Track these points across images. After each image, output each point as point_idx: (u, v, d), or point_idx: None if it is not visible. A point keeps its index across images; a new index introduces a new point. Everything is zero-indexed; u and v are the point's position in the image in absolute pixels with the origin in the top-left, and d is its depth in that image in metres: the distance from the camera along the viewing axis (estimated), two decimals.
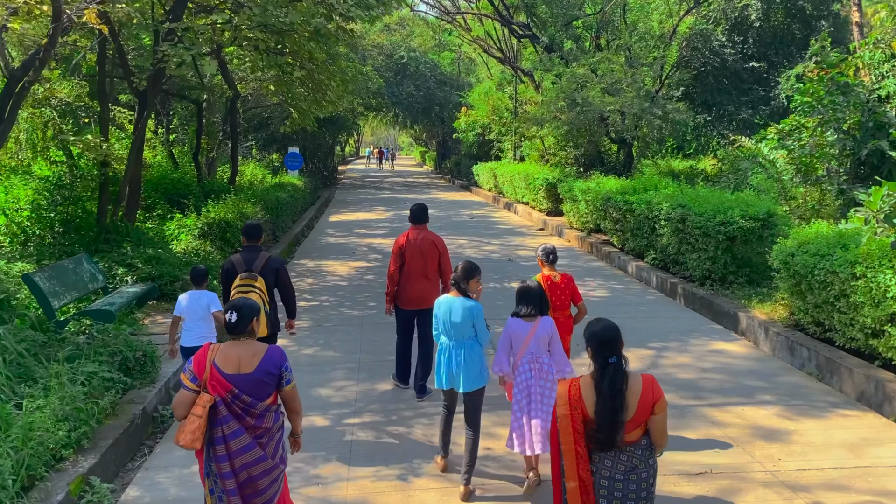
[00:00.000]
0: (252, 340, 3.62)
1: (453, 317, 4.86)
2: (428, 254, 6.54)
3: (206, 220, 11.90)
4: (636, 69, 18.14)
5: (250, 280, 5.64)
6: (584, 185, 15.34)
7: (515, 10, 21.70)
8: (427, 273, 6.55)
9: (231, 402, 3.46)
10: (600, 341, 3.22)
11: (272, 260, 5.94)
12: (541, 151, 22.02)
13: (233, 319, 3.53)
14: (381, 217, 21.41)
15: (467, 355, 4.84)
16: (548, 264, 5.91)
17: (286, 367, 3.61)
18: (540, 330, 4.76)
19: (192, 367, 3.54)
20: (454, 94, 36.40)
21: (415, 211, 6.73)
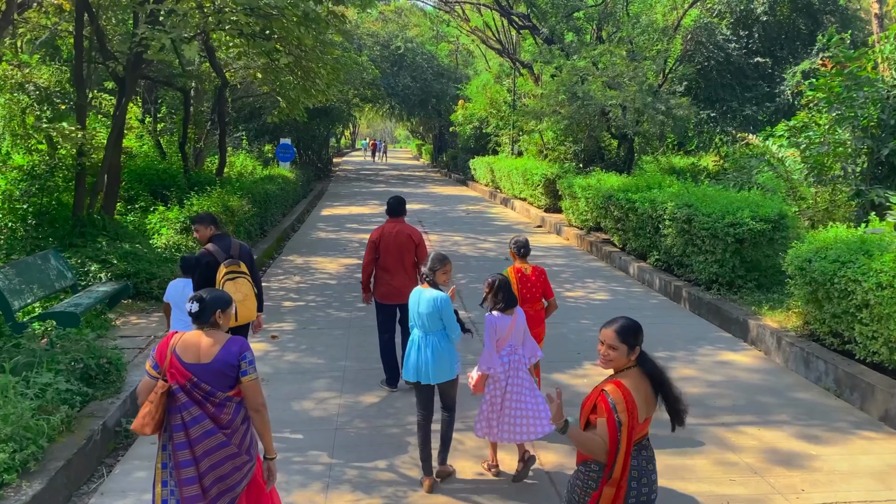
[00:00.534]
0: (215, 331, 3.57)
1: (421, 308, 4.80)
2: (404, 247, 6.49)
3: (188, 214, 11.34)
4: (638, 63, 17.61)
5: (235, 266, 5.50)
6: (585, 181, 14.83)
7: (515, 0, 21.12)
8: (404, 267, 6.50)
9: (191, 390, 3.46)
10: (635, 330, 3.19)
11: (243, 245, 5.88)
12: (539, 146, 21.49)
13: (193, 310, 3.51)
14: (375, 212, 20.84)
15: (435, 347, 4.76)
16: (519, 257, 5.89)
17: (245, 358, 3.52)
18: (520, 320, 4.88)
19: (155, 354, 3.55)
20: (451, 86, 35.80)
21: (392, 204, 6.70)
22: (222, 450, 3.47)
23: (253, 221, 13.81)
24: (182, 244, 11.02)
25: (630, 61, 17.60)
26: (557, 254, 13.84)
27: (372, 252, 6.56)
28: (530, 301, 5.75)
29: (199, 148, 16.35)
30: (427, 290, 4.82)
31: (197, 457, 3.45)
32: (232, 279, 5.41)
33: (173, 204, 12.28)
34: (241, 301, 5.33)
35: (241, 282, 5.43)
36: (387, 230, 6.55)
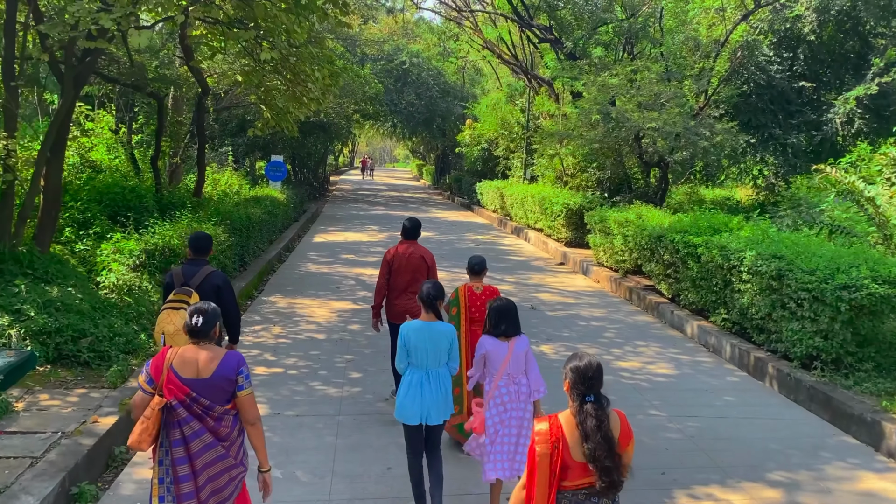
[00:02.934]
0: (211, 345, 3.60)
1: (432, 344, 4.54)
2: (417, 268, 6.46)
3: (145, 246, 9.13)
4: (678, 82, 15.58)
5: (183, 296, 5.00)
6: (621, 215, 12.69)
7: (536, 10, 19.14)
8: (415, 288, 6.23)
9: (191, 404, 3.47)
10: (582, 377, 3.03)
11: (214, 275, 5.35)
12: (558, 172, 19.39)
13: (198, 324, 3.53)
14: (373, 239, 18.67)
15: (443, 385, 4.59)
16: (472, 274, 5.74)
17: (242, 373, 3.56)
18: (517, 348, 4.56)
19: (150, 369, 3.57)
20: (458, 105, 33.81)
21: (409, 227, 6.68)
22: (220, 462, 3.53)
23: (230, 253, 11.61)
24: (135, 284, 8.82)
25: (666, 80, 15.58)
26: (591, 301, 11.65)
27: (386, 272, 6.55)
28: (478, 321, 5.45)
29: (175, 164, 14.20)
30: (436, 323, 4.61)
31: (196, 471, 3.48)
32: (175, 308, 4.96)
33: (131, 231, 10.08)
34: (171, 334, 4.80)
35: (181, 314, 4.83)
36: (400, 251, 6.54)
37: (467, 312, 5.58)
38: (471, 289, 5.70)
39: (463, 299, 5.66)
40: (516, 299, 11.60)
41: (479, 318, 5.50)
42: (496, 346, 4.50)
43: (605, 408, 3.02)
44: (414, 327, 4.58)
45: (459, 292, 5.72)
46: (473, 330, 5.43)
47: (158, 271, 9.09)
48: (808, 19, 18.08)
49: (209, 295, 5.06)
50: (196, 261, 5.47)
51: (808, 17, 18.02)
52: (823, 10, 17.81)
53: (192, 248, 5.56)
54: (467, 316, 5.58)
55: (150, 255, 9.09)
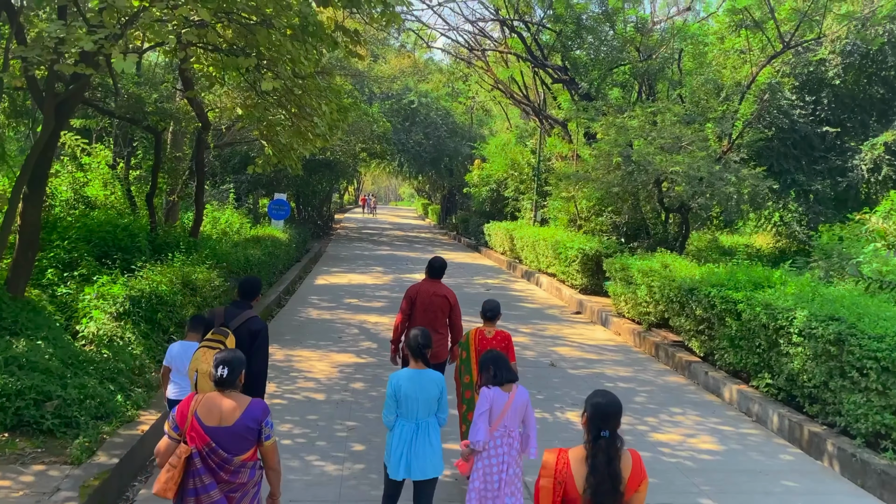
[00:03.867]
0: (236, 392, 3.64)
1: (424, 393, 4.47)
2: (438, 307, 6.46)
3: (129, 292, 8.30)
4: (699, 124, 14.92)
5: (220, 337, 4.95)
6: (645, 264, 11.86)
7: (550, 51, 18.63)
8: (436, 327, 6.41)
9: (207, 456, 3.49)
10: (602, 413, 3.11)
11: (253, 321, 5.32)
12: (572, 215, 18.63)
13: (224, 375, 3.56)
14: (379, 282, 17.84)
15: (432, 437, 4.48)
16: (485, 320, 5.78)
17: (267, 423, 3.59)
18: (518, 399, 4.56)
19: (176, 415, 3.59)
20: (465, 144, 33.31)
21: (435, 266, 6.66)
22: None
23: (226, 298, 10.77)
24: (117, 335, 7.97)
25: (687, 123, 14.93)
26: (614, 357, 10.74)
27: (408, 308, 6.50)
28: None
29: (172, 201, 13.47)
30: (425, 371, 4.58)
31: None
32: (211, 347, 4.85)
33: (117, 275, 9.26)
34: (204, 373, 4.56)
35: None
36: (424, 288, 6.54)
37: (477, 357, 5.52)
38: (482, 332, 5.72)
39: (473, 343, 5.67)
40: (533, 354, 10.76)
41: None
42: (497, 395, 4.53)
43: (619, 447, 3.08)
44: (405, 376, 4.55)
45: (470, 336, 5.73)
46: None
47: (144, 321, 8.25)
48: (832, 63, 17.50)
49: (244, 339, 5.12)
50: (240, 303, 5.47)
51: (832, 60, 17.44)
52: (848, 54, 17.25)
53: (239, 292, 5.62)
54: (477, 360, 5.48)
55: (134, 303, 8.25)
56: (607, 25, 17.23)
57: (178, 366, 5.54)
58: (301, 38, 6.28)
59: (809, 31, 17.14)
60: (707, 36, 18.95)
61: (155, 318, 8.32)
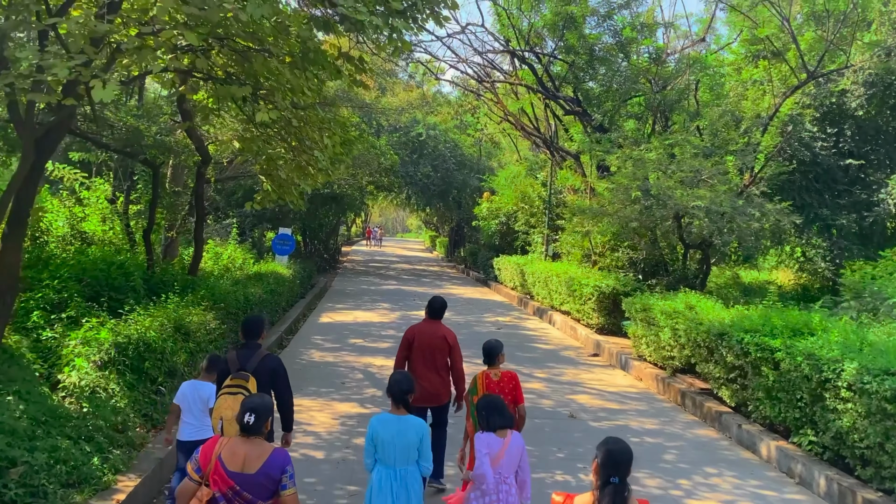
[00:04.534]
0: (261, 440, 3.65)
1: (402, 439, 4.40)
2: (437, 348, 6.35)
3: (115, 339, 7.68)
4: (719, 157, 14.35)
5: (241, 381, 5.03)
6: (668, 305, 11.17)
7: (562, 82, 18.19)
8: (436, 368, 6.35)
9: (232, 498, 3.51)
10: (613, 460, 3.20)
11: (269, 359, 5.36)
12: (586, 250, 17.99)
13: (251, 422, 3.57)
14: (385, 320, 17.17)
15: (410, 486, 4.38)
16: (486, 362, 5.73)
17: (287, 473, 3.61)
18: (513, 445, 4.49)
19: (199, 457, 3.63)
20: (474, 177, 32.85)
21: (435, 307, 6.57)
22: None
23: (222, 342, 10.15)
24: (101, 386, 7.33)
25: (706, 156, 14.35)
26: (638, 406, 10.00)
27: (405, 350, 6.43)
28: None
29: (171, 238, 12.93)
30: (406, 417, 4.52)
31: None
32: (232, 393, 4.97)
33: (105, 319, 8.64)
34: (230, 420, 4.63)
35: (239, 399, 4.74)
36: (422, 329, 6.47)
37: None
38: (488, 376, 5.61)
39: (481, 388, 5.56)
40: (551, 403, 10.02)
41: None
42: (491, 441, 4.47)
43: (627, 495, 3.14)
44: (382, 420, 4.51)
45: (478, 381, 5.64)
46: None
47: (130, 370, 7.60)
48: (854, 93, 16.95)
49: (264, 378, 5.16)
50: (249, 345, 5.46)
51: (854, 91, 16.90)
52: (871, 85, 16.70)
53: (243, 333, 5.57)
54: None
55: (121, 351, 7.61)
56: (621, 56, 16.78)
57: (189, 406, 5.54)
58: (301, 66, 5.76)
59: (831, 62, 16.66)
60: (723, 67, 18.51)
61: (142, 368, 7.68)
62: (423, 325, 6.50)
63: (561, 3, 16.67)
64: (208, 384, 5.67)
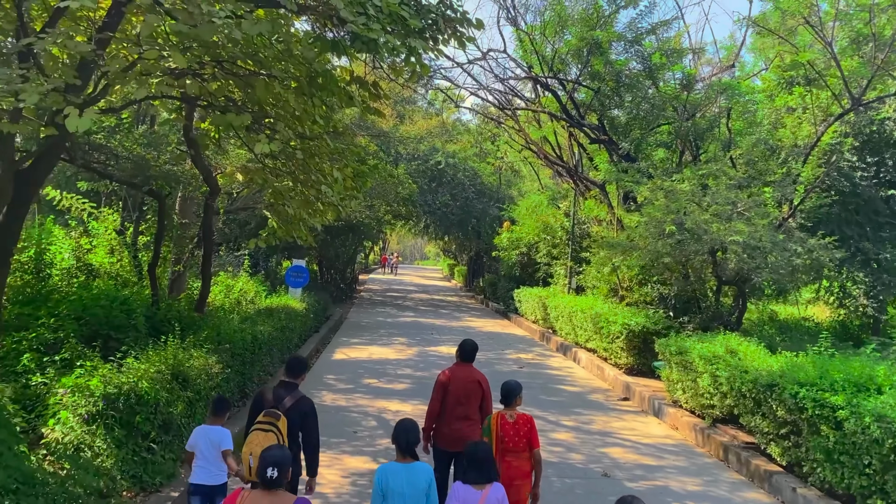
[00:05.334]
0: (283, 492, 3.64)
1: (412, 488, 4.34)
2: (471, 393, 6.28)
3: (105, 389, 6.99)
4: (756, 188, 13.54)
5: (272, 419, 5.13)
6: (707, 348, 10.31)
7: (587, 109, 17.54)
8: (468, 413, 6.26)
9: None
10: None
11: (303, 402, 5.46)
12: (612, 285, 17.16)
13: (273, 476, 3.57)
14: (402, 356, 16.40)
15: None
16: (505, 407, 5.57)
17: None
18: (491, 498, 4.40)
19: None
20: (493, 206, 32.15)
21: (467, 350, 6.48)
22: None
23: (226, 387, 9.44)
24: (86, 443, 6.65)
25: (740, 188, 13.55)
26: (676, 462, 9.11)
27: (440, 395, 6.32)
28: (514, 451, 5.37)
29: (177, 272, 12.34)
30: (413, 465, 4.48)
31: None
32: (263, 430, 5.08)
33: (98, 363, 7.97)
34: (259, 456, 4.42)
35: (270, 437, 5.02)
36: (456, 373, 6.38)
37: (499, 443, 5.39)
38: (503, 417, 5.51)
39: (495, 429, 5.47)
40: (581, 458, 9.14)
41: (513, 448, 5.39)
42: (468, 494, 4.38)
43: None
44: (390, 470, 4.46)
45: (492, 421, 5.54)
46: (507, 461, 5.34)
47: (119, 425, 6.90)
48: None
49: (295, 420, 5.29)
50: (288, 384, 5.53)
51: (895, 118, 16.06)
52: None
53: (286, 371, 5.64)
54: (499, 447, 5.38)
55: (110, 402, 6.93)
56: (648, 83, 16.11)
57: (201, 451, 5.48)
58: (308, 91, 5.14)
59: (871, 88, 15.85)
60: (754, 94, 17.76)
61: (133, 422, 6.98)
62: (456, 370, 6.42)
63: (586, 29, 16.09)
64: (220, 429, 5.60)
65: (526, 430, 5.46)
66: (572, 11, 16.64)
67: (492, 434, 5.46)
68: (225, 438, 5.53)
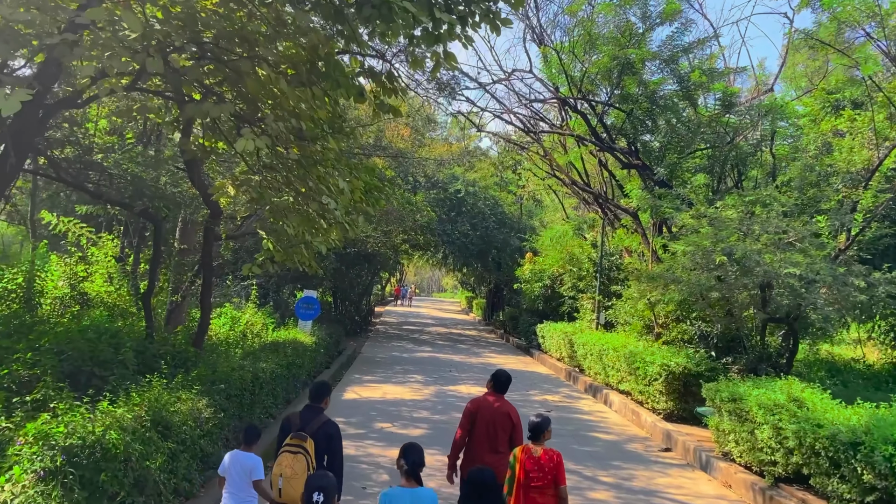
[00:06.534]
0: None
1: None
2: (500, 425, 6.11)
3: (65, 442, 5.88)
4: (809, 216, 12.33)
5: (300, 441, 5.30)
6: (767, 396, 9.03)
7: (618, 133, 16.48)
8: (497, 446, 6.10)
9: None
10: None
11: (328, 424, 5.58)
12: (647, 321, 15.89)
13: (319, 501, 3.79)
14: (418, 397, 15.18)
15: None
16: (532, 441, 5.43)
17: None
18: None
19: None
20: (514, 236, 31.02)
21: (502, 381, 6.36)
22: None
23: (218, 434, 8.31)
24: None
25: (790, 216, 12.36)
26: None
27: (468, 424, 6.19)
28: (538, 488, 5.23)
29: (176, 302, 11.32)
30: (418, 490, 4.43)
31: None
32: (292, 452, 5.24)
33: (67, 405, 6.88)
34: (289, 477, 5.10)
35: (299, 458, 5.22)
36: (486, 403, 6.20)
37: (524, 478, 5.27)
38: (528, 451, 5.40)
39: (519, 463, 5.35)
40: None
41: (538, 485, 5.26)
42: None
43: None
44: (392, 494, 4.39)
45: (516, 455, 5.43)
46: (531, 497, 5.23)
47: (80, 485, 5.77)
48: None
49: (321, 442, 5.42)
50: (313, 408, 5.64)
51: None
52: None
53: (310, 396, 5.74)
54: (524, 482, 5.26)
55: (71, 456, 5.82)
56: (685, 104, 15.04)
57: (231, 477, 5.53)
58: (307, 80, 4.14)
59: None
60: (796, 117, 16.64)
61: (97, 481, 5.85)
62: (485, 400, 6.22)
63: (618, 48, 15.12)
64: (251, 455, 5.63)
65: (552, 465, 5.31)
66: (603, 30, 15.71)
67: (515, 468, 5.34)
68: (257, 468, 5.58)
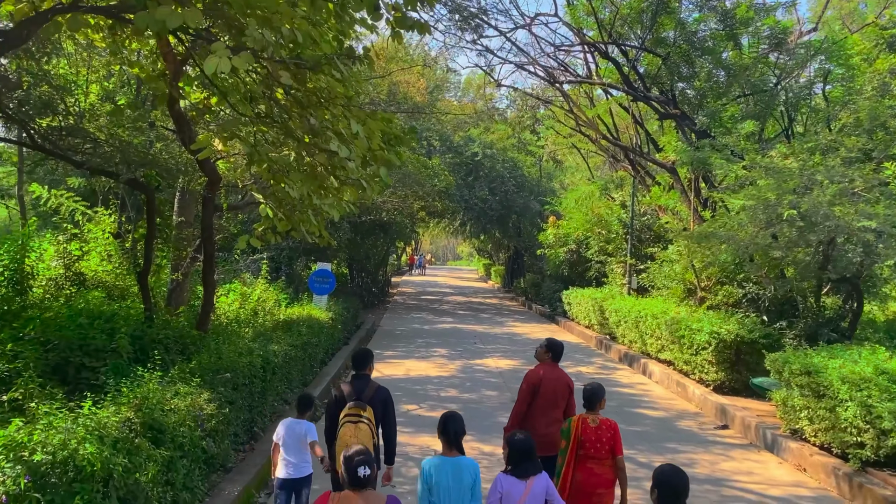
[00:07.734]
0: (372, 491, 3.59)
1: (456, 481, 4.29)
2: (560, 394, 6.11)
3: (29, 460, 4.83)
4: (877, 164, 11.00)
5: (359, 409, 5.24)
6: (851, 369, 7.85)
7: (652, 81, 15.07)
8: (556, 415, 6.07)
9: None
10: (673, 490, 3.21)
11: (381, 390, 5.54)
12: (688, 284, 14.68)
13: (366, 475, 3.54)
14: (444, 373, 14.17)
15: None
16: (587, 410, 5.36)
17: None
18: (536, 487, 4.30)
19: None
20: (534, 200, 29.66)
21: (558, 350, 6.36)
22: None
23: (224, 432, 7.28)
24: None
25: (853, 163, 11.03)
26: None
27: (530, 396, 6.10)
28: (595, 458, 5.19)
29: (177, 280, 10.27)
30: (459, 459, 4.44)
31: None
32: (353, 422, 5.17)
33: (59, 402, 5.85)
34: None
35: (362, 427, 5.16)
36: (548, 374, 6.16)
37: (578, 447, 5.22)
38: (585, 421, 5.29)
39: (575, 432, 5.27)
40: None
41: (595, 454, 5.18)
42: (512, 486, 4.30)
43: None
44: (435, 463, 4.40)
45: (572, 423, 5.33)
46: (588, 468, 5.17)
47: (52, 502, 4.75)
48: None
49: (378, 408, 5.36)
50: (360, 376, 5.62)
51: None
52: None
53: (353, 365, 5.80)
54: (577, 452, 5.22)
55: (38, 476, 4.78)
56: (729, 44, 13.61)
57: (287, 443, 5.61)
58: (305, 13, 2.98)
59: None
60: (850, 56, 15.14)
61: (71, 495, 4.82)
62: (548, 370, 6.19)
63: None
64: (305, 422, 5.74)
65: (609, 436, 5.23)
66: None
67: (570, 438, 5.29)
68: (311, 431, 5.64)
